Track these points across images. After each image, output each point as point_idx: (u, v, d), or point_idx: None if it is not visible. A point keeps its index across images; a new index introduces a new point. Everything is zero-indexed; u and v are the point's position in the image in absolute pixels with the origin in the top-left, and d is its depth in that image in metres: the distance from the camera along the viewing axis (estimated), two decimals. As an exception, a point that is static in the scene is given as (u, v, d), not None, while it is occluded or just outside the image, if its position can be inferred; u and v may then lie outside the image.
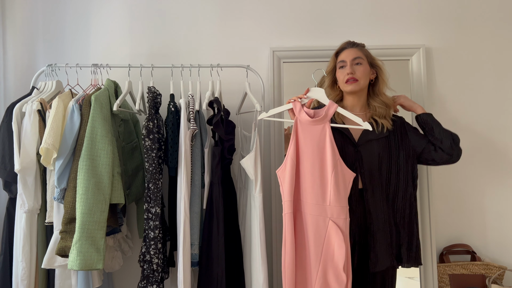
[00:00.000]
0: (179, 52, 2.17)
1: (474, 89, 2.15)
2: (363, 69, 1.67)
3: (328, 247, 1.48)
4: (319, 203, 1.50)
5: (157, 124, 1.70)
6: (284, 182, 1.55)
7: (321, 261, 1.48)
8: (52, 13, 2.19)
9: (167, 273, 1.76)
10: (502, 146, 2.13)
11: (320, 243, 1.49)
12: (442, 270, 2.01)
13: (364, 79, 1.67)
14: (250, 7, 2.19)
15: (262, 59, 2.16)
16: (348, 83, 1.66)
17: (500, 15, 2.17)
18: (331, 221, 1.48)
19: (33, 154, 1.70)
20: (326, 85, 1.78)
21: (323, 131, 1.53)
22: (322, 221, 1.49)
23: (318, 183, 1.51)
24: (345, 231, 1.48)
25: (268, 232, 2.04)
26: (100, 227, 1.58)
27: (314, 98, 1.63)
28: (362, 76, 1.67)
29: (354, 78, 1.65)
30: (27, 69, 2.16)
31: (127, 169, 1.89)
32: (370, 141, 1.67)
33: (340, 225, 1.48)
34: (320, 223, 1.49)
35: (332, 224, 1.48)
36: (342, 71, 1.69)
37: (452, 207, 2.12)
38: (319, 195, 1.50)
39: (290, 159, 1.54)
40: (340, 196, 1.49)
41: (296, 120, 1.58)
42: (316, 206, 1.50)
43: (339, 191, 1.49)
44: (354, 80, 1.65)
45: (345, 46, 1.74)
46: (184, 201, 1.66)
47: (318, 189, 1.50)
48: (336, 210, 1.49)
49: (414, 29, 2.17)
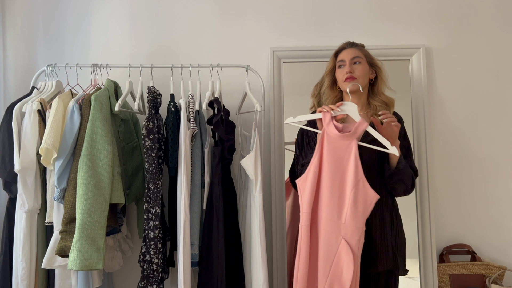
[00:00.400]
0: (179, 52, 2.17)
1: (474, 89, 2.15)
2: (362, 68, 1.67)
3: (337, 266, 1.44)
4: (334, 219, 1.45)
5: (157, 124, 1.70)
6: (304, 193, 1.50)
7: (328, 278, 1.44)
8: (52, 13, 2.19)
9: (167, 273, 1.76)
10: (502, 146, 2.13)
11: (329, 260, 1.45)
12: (442, 270, 2.01)
13: (362, 78, 1.67)
14: (250, 7, 2.19)
15: (262, 59, 2.16)
16: (347, 81, 1.66)
17: (500, 15, 2.16)
18: (343, 239, 1.44)
19: (33, 154, 1.70)
20: (325, 86, 1.77)
21: (349, 147, 1.47)
22: (334, 238, 1.45)
23: (336, 199, 1.46)
24: (357, 253, 1.43)
25: (268, 232, 2.04)
26: (100, 227, 1.58)
27: (346, 113, 1.55)
28: (361, 75, 1.66)
29: (352, 76, 1.65)
30: (27, 69, 2.15)
31: (127, 169, 1.89)
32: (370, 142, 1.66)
33: (352, 246, 1.43)
34: (332, 240, 1.45)
35: (344, 243, 1.43)
36: (341, 70, 1.69)
37: (452, 207, 2.12)
38: (335, 211, 1.46)
39: (313, 171, 1.49)
40: (357, 216, 1.44)
41: (323, 132, 1.53)
42: (330, 222, 1.46)
43: (356, 211, 1.44)
44: (352, 79, 1.65)
45: (345, 46, 1.74)
46: (184, 201, 1.66)
47: (335, 205, 1.46)
48: (351, 229, 1.44)
49: (414, 29, 2.17)
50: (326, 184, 1.48)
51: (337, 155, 1.48)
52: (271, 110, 2.10)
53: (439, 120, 2.14)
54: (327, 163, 1.49)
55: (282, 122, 2.09)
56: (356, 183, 1.45)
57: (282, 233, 2.03)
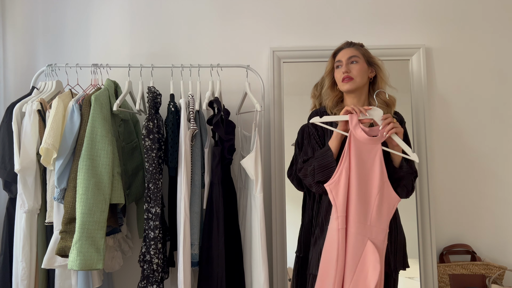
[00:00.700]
0: (179, 52, 2.17)
1: (474, 89, 2.15)
2: (359, 67, 1.65)
3: (362, 267, 1.46)
4: (361, 221, 1.48)
5: (157, 124, 1.70)
6: (338, 196, 1.50)
7: (353, 279, 1.46)
8: (52, 13, 2.19)
9: (167, 273, 1.76)
10: (502, 146, 2.13)
11: (355, 261, 1.47)
12: (442, 270, 2.01)
13: (360, 77, 1.65)
14: (250, 7, 2.19)
15: (262, 59, 2.16)
16: (344, 81, 1.65)
17: (500, 15, 2.17)
18: (369, 241, 1.47)
19: (33, 154, 1.70)
20: (326, 87, 1.77)
21: (374, 150, 1.50)
22: (360, 240, 1.47)
23: (362, 202, 1.49)
24: (382, 254, 1.46)
25: (269, 232, 2.04)
26: (100, 227, 1.58)
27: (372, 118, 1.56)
28: (358, 74, 1.64)
29: (349, 76, 1.64)
30: (27, 69, 2.16)
31: (127, 169, 1.89)
32: None
33: (377, 246, 1.46)
34: (358, 242, 1.47)
35: (370, 244, 1.46)
36: (338, 70, 1.68)
37: (452, 207, 2.12)
38: (361, 213, 1.48)
39: (345, 173, 1.50)
40: (382, 217, 1.48)
41: (350, 134, 1.53)
42: (357, 224, 1.48)
43: (381, 213, 1.48)
44: (349, 79, 1.64)
45: (342, 46, 1.73)
46: (184, 201, 1.66)
47: (362, 208, 1.48)
48: (376, 230, 1.47)
49: (414, 29, 2.17)
50: (354, 187, 1.49)
51: (363, 159, 1.50)
52: (271, 110, 2.10)
53: (439, 120, 2.14)
54: (354, 166, 1.50)
55: (282, 122, 2.09)
56: (382, 186, 1.48)
57: (282, 233, 2.03)
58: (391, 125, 1.52)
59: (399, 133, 1.52)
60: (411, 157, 1.51)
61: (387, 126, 1.51)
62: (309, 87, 2.01)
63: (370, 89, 1.74)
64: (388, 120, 1.53)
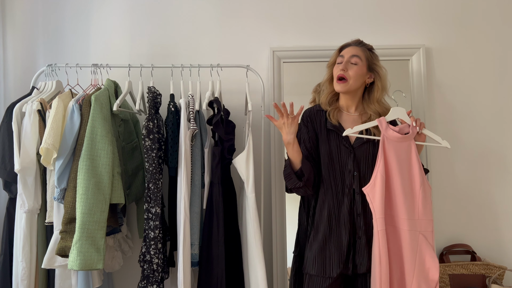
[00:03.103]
0: (179, 52, 2.17)
1: (474, 89, 2.15)
2: (356, 69, 1.62)
3: (421, 261, 1.52)
4: (410, 217, 1.54)
5: (157, 124, 1.70)
6: (375, 199, 1.55)
7: (415, 275, 1.51)
8: (52, 13, 2.19)
9: (167, 273, 1.76)
10: (502, 146, 2.13)
11: (413, 257, 1.52)
12: (442, 270, 2.00)
13: (354, 80, 1.63)
14: (250, 7, 2.19)
15: (262, 59, 2.16)
16: (337, 81, 1.64)
17: (500, 15, 2.17)
18: (421, 234, 1.53)
19: (33, 154, 1.70)
20: (325, 79, 1.74)
21: (409, 147, 1.58)
22: (414, 235, 1.53)
23: (409, 198, 1.55)
24: (432, 244, 1.53)
25: (268, 232, 2.04)
26: (100, 227, 1.58)
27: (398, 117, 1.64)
28: (353, 77, 1.62)
29: (344, 76, 1.62)
30: (27, 69, 2.16)
31: (127, 169, 1.89)
32: (364, 143, 1.65)
33: (428, 238, 1.53)
34: (412, 238, 1.53)
35: (422, 237, 1.53)
36: (337, 66, 1.66)
37: (452, 207, 2.12)
38: (410, 209, 1.54)
39: (380, 176, 1.55)
40: (427, 209, 1.55)
41: (383, 137, 1.59)
42: (408, 221, 1.53)
43: (426, 205, 1.55)
44: (343, 80, 1.63)
45: (351, 43, 1.70)
46: (184, 201, 1.66)
47: (409, 204, 1.54)
48: (424, 223, 1.54)
49: (414, 29, 2.17)
50: (397, 185, 1.56)
51: (401, 157, 1.58)
52: (271, 110, 2.10)
53: (439, 120, 2.14)
54: (394, 166, 1.57)
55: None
56: (422, 180, 1.56)
57: (282, 233, 2.03)
58: (419, 120, 1.62)
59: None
60: (442, 145, 1.61)
61: (418, 122, 1.61)
62: (309, 87, 2.01)
63: (365, 94, 1.71)
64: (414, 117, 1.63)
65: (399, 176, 1.55)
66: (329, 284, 1.58)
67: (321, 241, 1.61)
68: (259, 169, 1.92)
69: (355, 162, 1.62)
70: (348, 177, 1.62)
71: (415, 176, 1.56)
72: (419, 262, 1.52)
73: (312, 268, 1.60)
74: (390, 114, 1.64)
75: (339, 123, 1.67)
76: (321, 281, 1.59)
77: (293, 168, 1.63)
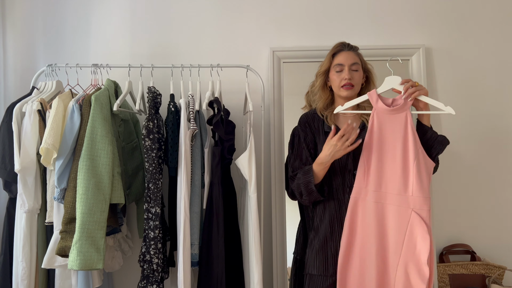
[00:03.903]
0: (179, 52, 2.17)
1: (474, 89, 2.15)
2: (359, 75, 1.69)
3: (409, 240, 1.43)
4: (401, 193, 1.45)
5: (157, 124, 1.70)
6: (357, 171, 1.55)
7: (402, 254, 1.43)
8: (52, 13, 2.19)
9: (167, 273, 1.77)
10: (502, 146, 2.13)
11: (401, 235, 1.43)
12: (442, 270, 2.01)
13: (358, 85, 1.70)
14: (250, 7, 2.19)
15: (262, 59, 2.16)
16: (344, 88, 1.66)
17: (500, 15, 2.17)
18: (414, 212, 1.43)
19: (33, 154, 1.70)
20: (317, 85, 1.76)
21: (401, 119, 1.49)
22: (403, 212, 1.44)
23: (400, 173, 1.46)
24: (429, 223, 1.43)
25: (268, 232, 2.04)
26: (100, 227, 1.58)
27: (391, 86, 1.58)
28: (358, 82, 1.69)
29: (351, 83, 1.65)
30: (27, 69, 2.15)
31: (127, 169, 1.89)
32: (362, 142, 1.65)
33: (423, 217, 1.43)
34: (401, 214, 1.44)
35: (415, 215, 1.43)
36: (339, 75, 1.68)
37: (452, 207, 2.12)
38: (401, 185, 1.45)
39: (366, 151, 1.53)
40: (423, 186, 1.45)
41: (373, 110, 1.54)
42: (398, 197, 1.45)
43: (421, 181, 1.45)
44: (351, 86, 1.65)
45: (342, 48, 1.72)
46: (184, 201, 1.66)
47: (400, 179, 1.46)
48: (419, 200, 1.44)
49: (414, 29, 2.17)
50: (388, 159, 1.48)
51: (394, 130, 1.48)
52: (271, 110, 2.10)
53: (439, 120, 2.14)
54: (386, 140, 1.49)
55: (282, 122, 2.09)
56: (417, 153, 1.45)
57: (282, 233, 2.03)
58: (413, 89, 1.51)
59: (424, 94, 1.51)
60: (446, 111, 1.49)
61: (409, 91, 1.51)
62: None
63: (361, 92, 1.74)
64: (409, 83, 1.52)
65: (391, 150, 1.48)
66: (330, 283, 1.58)
67: (322, 241, 1.61)
68: (259, 169, 1.92)
69: (354, 161, 1.63)
70: (348, 177, 1.62)
71: (409, 150, 1.47)
72: (409, 240, 1.43)
73: (313, 267, 1.60)
74: (383, 84, 1.58)
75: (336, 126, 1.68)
76: (323, 280, 1.59)
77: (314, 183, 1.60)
